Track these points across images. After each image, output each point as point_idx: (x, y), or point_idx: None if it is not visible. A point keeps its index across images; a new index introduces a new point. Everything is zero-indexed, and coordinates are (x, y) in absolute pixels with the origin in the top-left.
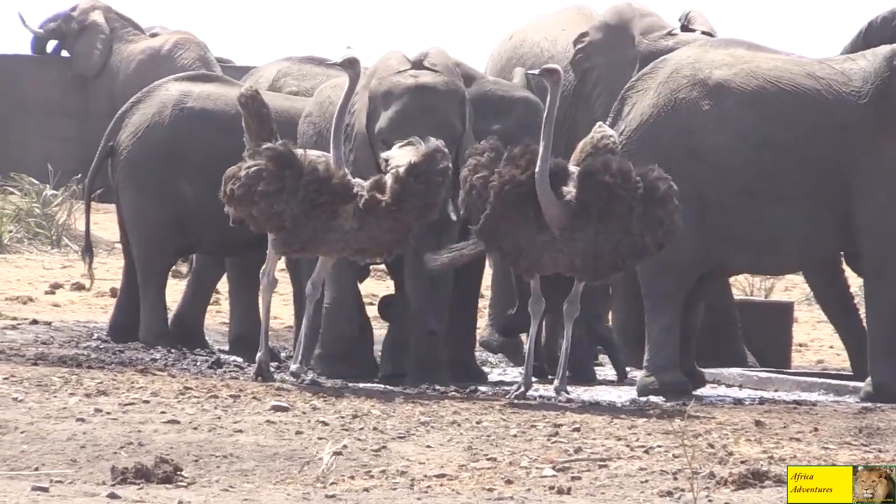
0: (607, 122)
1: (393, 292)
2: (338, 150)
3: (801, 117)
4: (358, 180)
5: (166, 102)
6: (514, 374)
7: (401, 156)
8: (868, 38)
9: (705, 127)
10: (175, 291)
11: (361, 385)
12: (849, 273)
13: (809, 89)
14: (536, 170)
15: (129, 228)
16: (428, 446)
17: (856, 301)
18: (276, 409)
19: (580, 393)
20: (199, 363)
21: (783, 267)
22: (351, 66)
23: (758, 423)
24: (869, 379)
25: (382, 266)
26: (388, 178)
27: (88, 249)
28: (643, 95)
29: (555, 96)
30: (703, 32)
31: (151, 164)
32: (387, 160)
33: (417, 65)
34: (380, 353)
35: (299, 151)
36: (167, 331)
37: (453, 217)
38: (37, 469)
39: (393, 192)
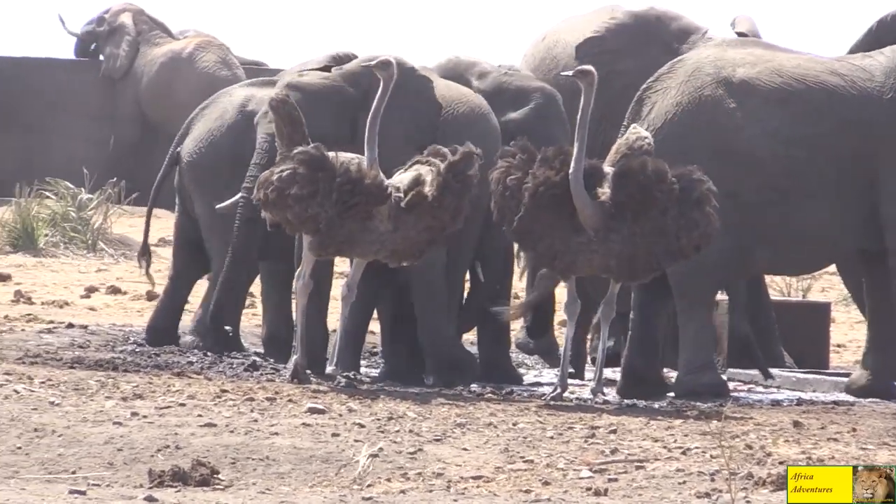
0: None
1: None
2: (371, 152)
3: (827, 113)
4: (391, 181)
5: (229, 107)
6: (550, 375)
7: (408, 174)
8: (879, 36)
9: (732, 125)
10: (202, 292)
11: (397, 387)
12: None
13: (835, 86)
14: (570, 171)
15: (205, 235)
16: (464, 448)
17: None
18: (313, 411)
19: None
20: (235, 366)
21: (811, 264)
22: (384, 68)
23: (796, 424)
24: None
25: None
26: (428, 175)
27: (146, 253)
28: (664, 95)
29: (589, 97)
30: (738, 34)
31: (217, 169)
32: (396, 188)
33: (325, 68)
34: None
35: (331, 154)
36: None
37: None
38: (74, 472)
39: (437, 186)
